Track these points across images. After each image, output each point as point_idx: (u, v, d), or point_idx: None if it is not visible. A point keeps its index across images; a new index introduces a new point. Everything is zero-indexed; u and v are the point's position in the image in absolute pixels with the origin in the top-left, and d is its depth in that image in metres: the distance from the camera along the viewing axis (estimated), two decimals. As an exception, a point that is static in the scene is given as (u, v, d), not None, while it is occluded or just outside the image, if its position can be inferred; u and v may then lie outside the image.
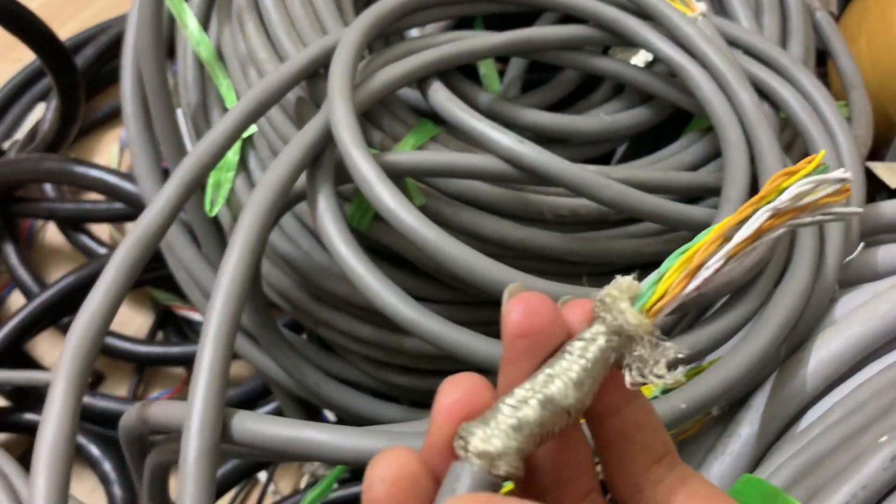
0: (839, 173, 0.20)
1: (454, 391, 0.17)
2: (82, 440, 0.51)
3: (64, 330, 0.58)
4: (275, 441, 0.24)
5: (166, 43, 0.45)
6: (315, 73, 0.37)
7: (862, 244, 0.35)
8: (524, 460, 0.16)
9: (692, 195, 0.37)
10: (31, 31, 0.54)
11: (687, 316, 0.35)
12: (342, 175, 0.34)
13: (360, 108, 0.34)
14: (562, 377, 0.17)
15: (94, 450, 0.51)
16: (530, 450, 0.16)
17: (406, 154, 0.34)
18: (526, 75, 0.50)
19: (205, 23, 0.43)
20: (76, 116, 0.56)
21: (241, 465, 0.49)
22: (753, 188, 0.35)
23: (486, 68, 0.49)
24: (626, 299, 0.17)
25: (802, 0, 0.47)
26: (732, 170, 0.34)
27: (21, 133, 0.67)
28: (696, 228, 0.35)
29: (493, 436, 0.16)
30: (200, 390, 0.24)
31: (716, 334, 0.29)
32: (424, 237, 0.30)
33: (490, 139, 0.35)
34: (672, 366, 0.17)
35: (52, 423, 0.24)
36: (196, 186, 0.32)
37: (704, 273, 0.18)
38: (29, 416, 0.52)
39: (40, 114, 0.67)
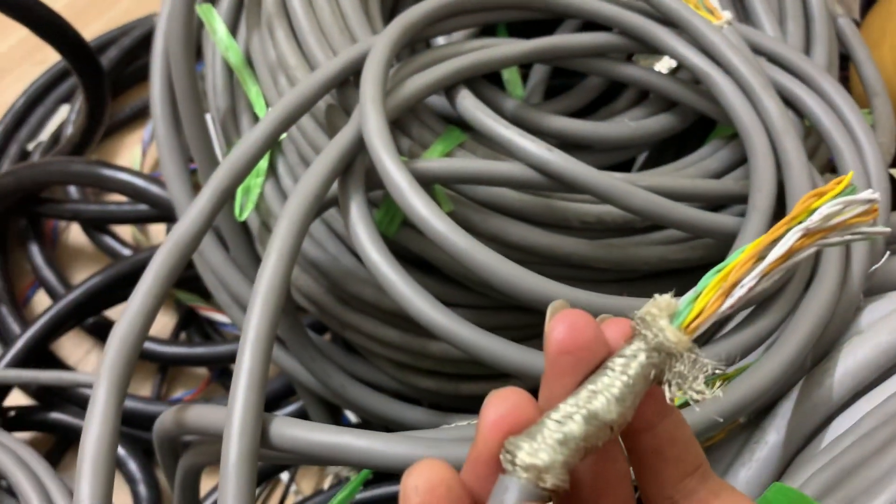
0: (867, 194, 0.21)
1: (501, 405, 0.17)
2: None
3: (88, 330, 0.59)
4: (313, 447, 0.25)
5: (195, 47, 0.45)
6: (345, 81, 0.37)
7: (888, 253, 0.35)
8: (569, 473, 0.17)
9: (718, 203, 0.38)
10: (57, 32, 0.55)
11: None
12: (372, 181, 0.34)
13: (391, 116, 0.35)
14: (604, 393, 0.17)
15: (119, 449, 0.52)
16: (575, 463, 0.17)
17: (436, 161, 0.35)
18: (549, 81, 0.51)
19: (233, 29, 0.43)
20: (102, 118, 0.56)
21: (264, 465, 0.50)
22: (780, 196, 0.35)
23: (510, 74, 0.49)
24: (666, 317, 0.18)
25: (825, 7, 0.47)
26: (759, 178, 0.35)
27: (45, 135, 0.68)
28: (722, 236, 0.35)
29: (540, 450, 0.16)
30: (241, 395, 0.25)
31: (744, 343, 0.29)
32: (456, 245, 0.30)
33: (518, 146, 0.35)
34: (710, 381, 0.17)
35: (96, 428, 0.25)
36: (230, 195, 0.32)
37: (739, 291, 0.18)
38: (55, 416, 0.53)
39: (64, 115, 0.68)
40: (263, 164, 0.40)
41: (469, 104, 0.37)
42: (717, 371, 0.18)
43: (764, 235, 0.19)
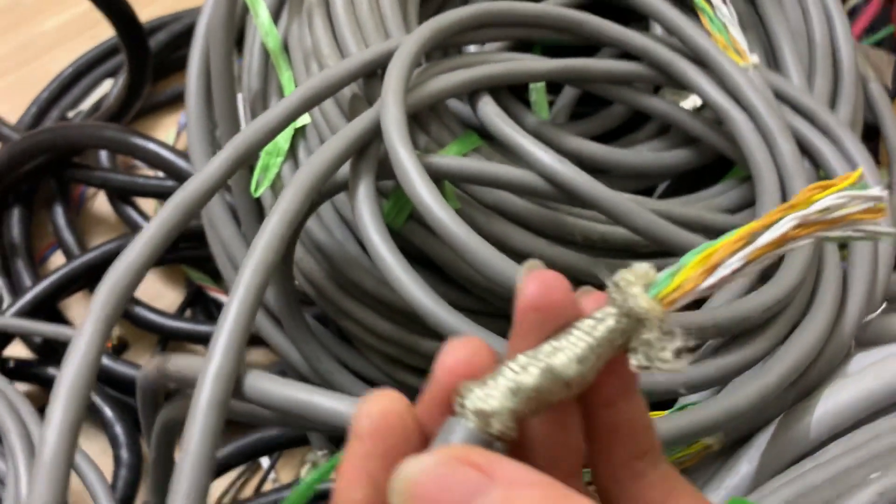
0: (875, 191, 0.20)
1: (459, 351, 0.18)
2: (98, 400, 0.53)
3: (98, 295, 0.60)
4: (283, 402, 0.25)
5: (236, 30, 0.47)
6: (373, 73, 0.38)
7: (885, 304, 0.35)
8: (519, 424, 0.17)
9: (709, 231, 0.38)
10: (115, 7, 0.57)
11: (699, 349, 0.35)
12: (384, 171, 0.35)
13: (411, 109, 0.36)
14: (566, 351, 0.17)
15: (108, 411, 0.52)
16: (525, 414, 0.17)
17: (448, 158, 0.36)
18: (575, 107, 0.51)
19: (276, 15, 0.45)
20: (140, 93, 0.58)
21: (244, 447, 0.50)
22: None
23: (537, 95, 0.50)
24: (641, 284, 0.18)
25: (857, 68, 0.48)
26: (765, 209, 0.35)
27: (86, 105, 0.70)
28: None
29: (491, 396, 0.17)
30: (222, 340, 0.25)
31: (725, 368, 0.30)
32: (456, 235, 0.31)
33: (531, 155, 0.36)
34: (678, 354, 0.17)
35: (74, 361, 0.26)
36: (245, 161, 0.33)
37: (722, 272, 0.18)
38: (52, 371, 0.54)
39: (107, 89, 0.70)
40: (285, 145, 0.41)
41: (489, 110, 0.38)
42: (685, 345, 0.18)
43: (758, 219, 0.19)
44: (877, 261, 0.35)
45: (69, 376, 0.25)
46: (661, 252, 0.39)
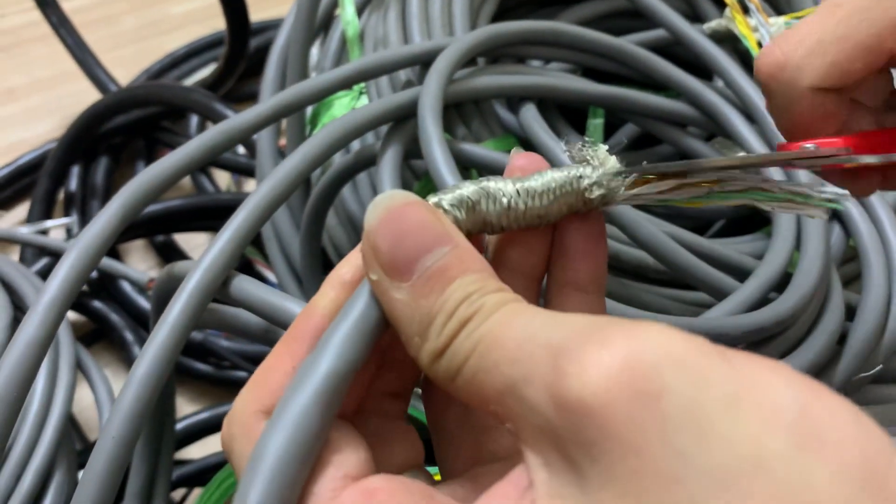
0: (838, 191, 0.21)
1: (522, 159, 0.22)
2: (130, 339, 0.56)
3: (156, 247, 0.64)
4: (260, 303, 0.27)
5: (325, 20, 0.51)
6: (429, 63, 0.41)
7: (881, 367, 0.35)
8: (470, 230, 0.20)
9: (730, 269, 0.38)
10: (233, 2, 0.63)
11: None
12: (418, 150, 0.37)
13: (454, 97, 0.38)
14: (513, 181, 0.20)
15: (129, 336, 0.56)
16: (469, 221, 0.20)
17: (479, 147, 0.38)
18: (630, 148, 0.53)
19: (361, 8, 0.49)
20: (234, 71, 0.63)
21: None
22: (786, 279, 0.35)
23: (594, 129, 0.52)
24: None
25: None
26: (774, 253, 0.35)
27: (189, 82, 0.76)
28: (717, 293, 0.36)
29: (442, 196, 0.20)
30: (221, 240, 0.28)
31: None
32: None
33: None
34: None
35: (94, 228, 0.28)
36: (289, 111, 0.36)
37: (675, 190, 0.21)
38: (96, 304, 0.57)
39: (209, 72, 0.76)
40: (341, 110, 0.44)
41: (530, 115, 0.40)
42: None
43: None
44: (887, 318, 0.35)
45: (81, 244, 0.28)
46: (669, 282, 0.39)
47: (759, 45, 0.46)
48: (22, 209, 0.68)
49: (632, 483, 0.13)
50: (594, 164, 0.21)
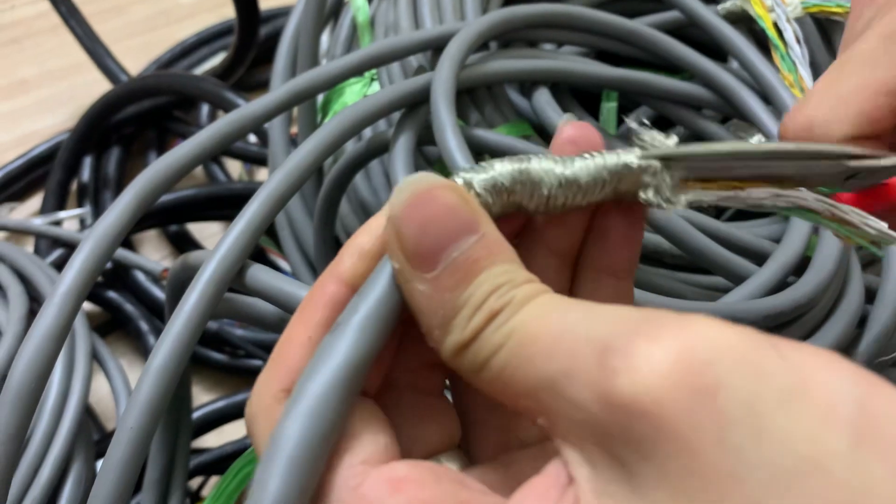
0: (886, 233, 0.21)
1: (574, 129, 0.20)
2: (145, 329, 0.56)
3: (169, 237, 0.64)
4: (275, 293, 0.27)
5: (335, 6, 0.51)
6: (440, 49, 0.40)
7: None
8: (503, 209, 0.19)
9: (747, 254, 0.38)
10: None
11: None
12: (431, 136, 0.37)
13: (467, 82, 0.38)
14: (561, 163, 0.19)
15: (154, 341, 0.56)
16: (502, 201, 0.19)
17: (492, 133, 0.37)
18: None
19: (372, -4, 0.48)
20: (244, 60, 0.63)
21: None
22: (804, 262, 0.35)
23: (608, 112, 0.52)
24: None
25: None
26: (791, 236, 0.35)
27: (198, 71, 0.75)
28: (734, 277, 0.35)
29: (476, 173, 0.18)
30: (235, 230, 0.28)
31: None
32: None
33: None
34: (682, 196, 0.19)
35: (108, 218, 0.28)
36: (302, 98, 0.36)
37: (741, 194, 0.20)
38: (111, 294, 0.58)
39: (218, 61, 0.76)
40: (353, 98, 0.44)
41: (543, 100, 0.40)
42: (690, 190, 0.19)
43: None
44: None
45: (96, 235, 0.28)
46: (686, 266, 0.39)
47: (776, 25, 0.45)
48: (35, 201, 0.68)
49: (687, 481, 0.13)
50: (653, 152, 0.19)
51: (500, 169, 0.18)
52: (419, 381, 0.20)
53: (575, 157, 0.19)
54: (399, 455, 0.17)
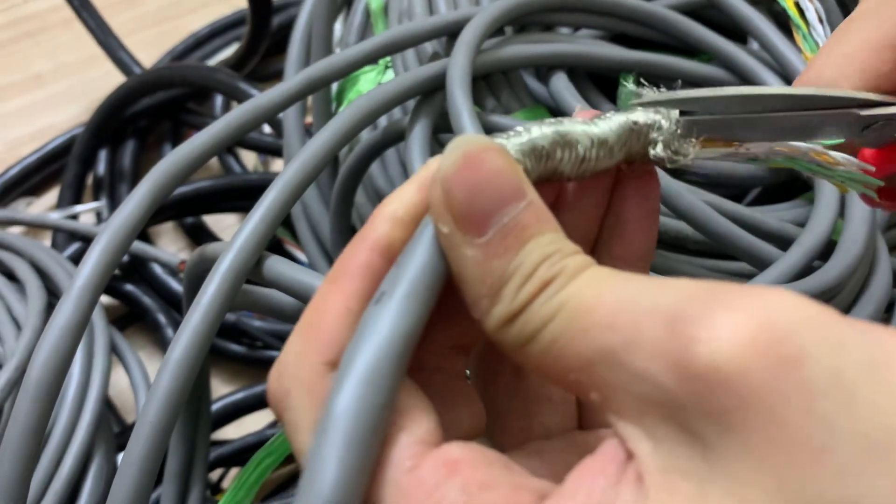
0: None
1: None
2: (162, 320, 0.56)
3: (186, 229, 0.64)
4: (292, 283, 0.27)
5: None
6: (455, 34, 0.40)
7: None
8: (542, 173, 0.18)
9: (772, 238, 0.37)
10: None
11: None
12: (447, 124, 0.37)
13: (483, 68, 0.37)
14: (585, 125, 0.18)
15: (172, 334, 0.56)
16: (542, 166, 0.18)
17: (509, 119, 0.37)
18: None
19: (385, -18, 0.48)
20: (258, 49, 0.62)
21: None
22: (830, 246, 0.34)
23: (625, 96, 0.51)
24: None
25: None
26: (816, 219, 0.34)
27: (212, 62, 0.75)
28: (758, 262, 0.35)
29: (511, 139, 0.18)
30: (252, 221, 0.27)
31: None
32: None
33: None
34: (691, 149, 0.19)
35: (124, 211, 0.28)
36: (316, 87, 0.35)
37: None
38: (128, 287, 0.58)
39: (231, 52, 0.76)
40: (367, 86, 0.44)
41: (560, 84, 0.39)
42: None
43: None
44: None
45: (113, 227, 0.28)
46: (709, 252, 0.39)
47: (797, 4, 0.44)
48: (52, 195, 0.68)
49: (772, 454, 0.12)
50: (660, 97, 0.19)
51: (539, 132, 0.18)
52: (446, 363, 0.20)
53: (595, 119, 0.19)
54: (444, 437, 0.17)
